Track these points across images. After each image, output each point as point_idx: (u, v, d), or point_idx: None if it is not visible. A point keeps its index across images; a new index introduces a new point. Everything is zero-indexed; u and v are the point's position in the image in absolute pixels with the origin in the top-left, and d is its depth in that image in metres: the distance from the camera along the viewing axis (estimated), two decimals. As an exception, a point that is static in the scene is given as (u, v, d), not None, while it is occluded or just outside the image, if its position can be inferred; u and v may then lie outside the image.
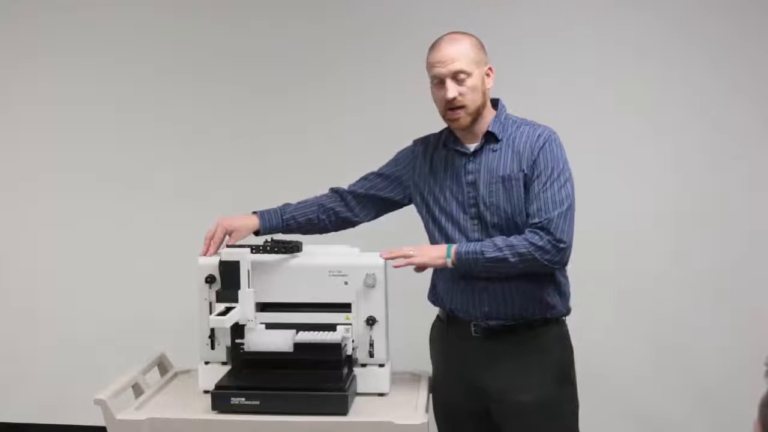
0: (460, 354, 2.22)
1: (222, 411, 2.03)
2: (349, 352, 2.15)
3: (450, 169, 2.22)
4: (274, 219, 2.31)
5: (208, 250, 2.23)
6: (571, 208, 2.09)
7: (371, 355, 2.18)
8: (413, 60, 3.28)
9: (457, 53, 2.11)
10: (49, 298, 3.54)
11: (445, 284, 2.23)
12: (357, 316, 2.17)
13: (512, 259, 2.06)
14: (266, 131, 3.39)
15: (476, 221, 2.16)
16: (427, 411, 2.10)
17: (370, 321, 2.16)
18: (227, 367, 2.19)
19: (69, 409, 3.48)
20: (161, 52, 3.43)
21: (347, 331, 2.14)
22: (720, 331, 3.14)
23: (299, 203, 2.36)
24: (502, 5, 3.21)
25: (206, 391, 2.13)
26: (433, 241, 2.25)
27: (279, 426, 2.00)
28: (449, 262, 2.09)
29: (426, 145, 2.31)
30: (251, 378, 2.10)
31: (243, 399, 2.02)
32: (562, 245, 2.06)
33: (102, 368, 2.55)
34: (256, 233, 2.31)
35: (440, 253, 2.10)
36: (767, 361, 1.22)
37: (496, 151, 2.16)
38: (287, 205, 2.35)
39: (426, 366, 2.38)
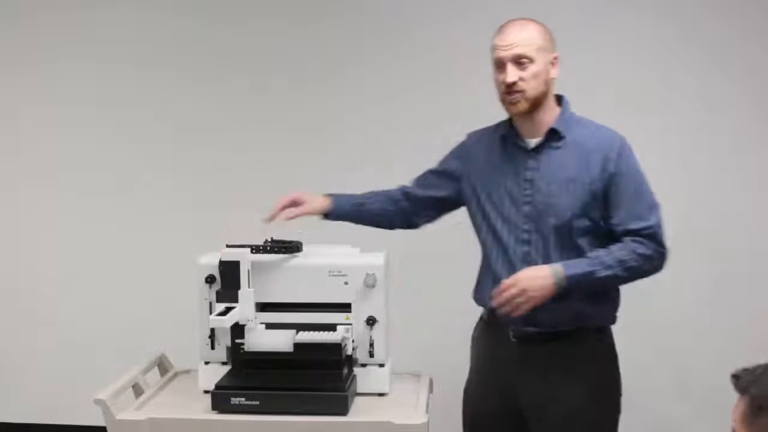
0: (496, 357, 2.18)
1: (222, 411, 2.03)
2: (349, 352, 2.14)
3: (507, 164, 2.13)
4: (346, 204, 2.29)
5: (273, 215, 2.22)
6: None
7: (371, 355, 2.17)
8: (414, 60, 3.31)
9: (522, 38, 2.04)
10: (49, 299, 3.54)
11: (489, 284, 2.14)
12: (357, 316, 2.16)
13: (623, 275, 2.02)
14: (266, 131, 3.39)
15: (528, 220, 2.08)
16: (427, 411, 2.10)
17: (370, 321, 2.16)
18: (227, 367, 2.19)
19: (69, 409, 3.48)
20: (161, 52, 3.43)
21: (347, 331, 2.13)
22: (720, 331, 3.14)
23: (369, 192, 2.33)
24: (502, 5, 3.21)
25: (206, 391, 2.13)
26: (483, 239, 2.18)
27: (279, 426, 2.00)
28: (557, 289, 1.99)
29: (480, 137, 2.24)
30: (251, 378, 2.09)
31: (243, 399, 2.02)
32: (666, 252, 2.05)
33: (102, 368, 2.55)
34: (326, 216, 2.29)
35: (548, 282, 1.98)
36: (734, 373, 1.26)
37: (559, 149, 2.08)
38: (353, 194, 2.32)
39: (426, 366, 2.38)
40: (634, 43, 3.17)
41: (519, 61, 2.04)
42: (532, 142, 2.11)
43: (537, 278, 1.99)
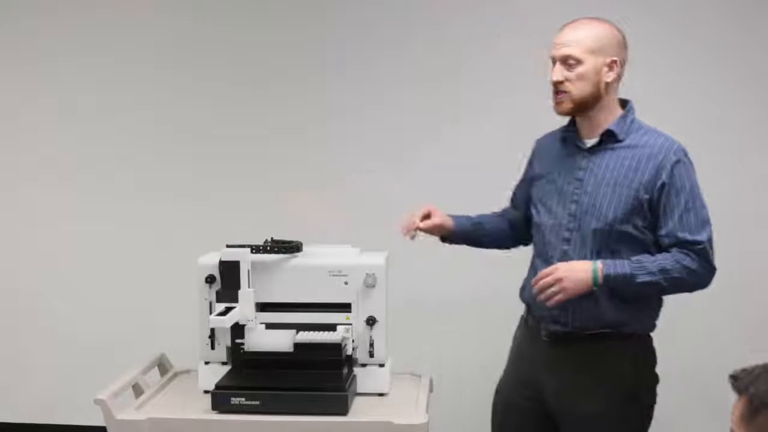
0: (527, 354, 2.20)
1: (222, 411, 2.03)
2: (349, 352, 2.15)
3: (563, 161, 2.14)
4: (466, 223, 2.30)
5: (408, 227, 2.21)
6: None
7: (371, 355, 2.17)
8: (414, 60, 3.31)
9: (573, 38, 2.03)
10: (49, 299, 3.54)
11: (529, 281, 2.14)
12: (357, 316, 2.16)
13: (665, 284, 1.99)
14: (267, 131, 3.39)
15: (573, 219, 2.07)
16: (427, 411, 2.10)
17: (370, 321, 2.16)
18: (227, 367, 2.19)
19: (69, 409, 3.48)
20: (161, 52, 3.43)
21: (347, 331, 2.13)
22: (722, 330, 3.14)
23: (481, 215, 2.34)
24: (502, 5, 3.21)
25: (206, 391, 2.13)
26: (531, 231, 2.20)
27: (279, 426, 2.00)
28: (595, 287, 1.97)
29: (546, 139, 2.26)
30: (251, 378, 2.09)
31: (243, 399, 2.02)
32: (714, 270, 2.02)
33: (102, 368, 2.55)
34: (446, 237, 2.30)
35: (586, 277, 1.96)
36: (733, 374, 1.27)
37: (614, 151, 2.06)
38: (468, 216, 2.33)
39: (426, 366, 2.39)
40: (634, 43, 3.16)
41: (567, 61, 2.04)
42: (589, 142, 2.11)
43: (576, 271, 1.98)
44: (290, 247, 2.21)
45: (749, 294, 3.15)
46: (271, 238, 2.26)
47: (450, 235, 2.30)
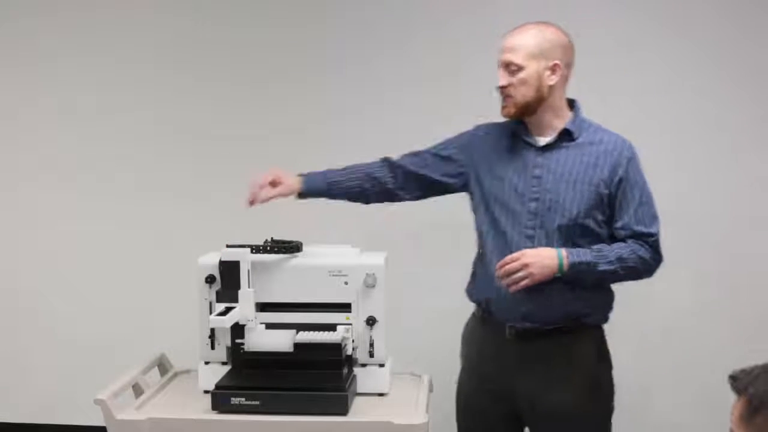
0: (492, 355, 2.19)
1: (222, 411, 2.03)
2: (349, 352, 2.15)
3: (515, 159, 2.16)
4: (318, 181, 2.27)
5: (254, 198, 2.22)
6: None
7: (371, 355, 2.17)
8: (414, 60, 3.31)
9: (515, 44, 2.09)
10: (49, 298, 3.54)
11: (485, 279, 2.17)
12: (357, 316, 2.16)
13: (621, 272, 2.08)
14: (266, 131, 3.39)
15: (534, 216, 2.11)
16: (427, 411, 2.10)
17: (370, 321, 2.16)
18: (227, 367, 2.19)
19: (69, 409, 3.48)
20: (161, 51, 3.43)
21: (347, 331, 2.13)
22: (721, 331, 3.14)
23: (345, 168, 2.31)
24: (502, 5, 3.21)
25: (206, 391, 2.13)
26: (484, 232, 2.19)
27: (279, 426, 2.00)
28: (559, 273, 2.03)
29: (489, 131, 2.26)
30: (251, 378, 2.09)
31: (243, 399, 2.02)
32: (661, 260, 2.12)
33: (102, 368, 2.55)
34: (300, 195, 2.28)
35: (552, 263, 2.03)
36: (732, 374, 1.28)
37: (569, 149, 2.12)
38: (330, 170, 2.31)
39: (426, 366, 2.38)
40: (633, 42, 3.17)
41: (509, 67, 2.10)
42: (542, 140, 2.15)
43: (543, 257, 2.03)
44: (290, 247, 2.21)
45: (747, 295, 3.15)
46: (271, 238, 2.26)
47: (303, 195, 2.29)
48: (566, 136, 2.13)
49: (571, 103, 2.19)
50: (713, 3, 3.13)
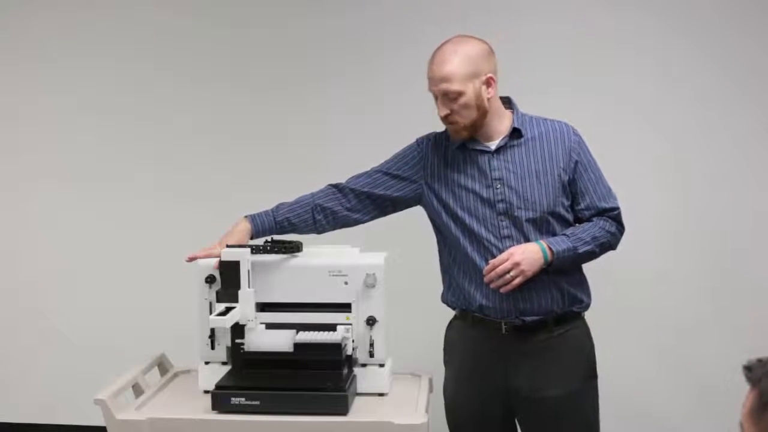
0: (487, 354, 2.19)
1: (222, 411, 2.03)
2: (349, 352, 2.14)
3: (471, 167, 2.17)
4: (266, 222, 2.27)
5: (194, 255, 2.19)
6: None
7: (371, 355, 2.17)
8: (413, 60, 3.30)
9: (447, 73, 2.08)
10: (49, 299, 3.54)
11: (473, 284, 2.17)
12: (357, 316, 2.16)
13: (597, 250, 2.15)
14: (266, 131, 3.39)
15: (505, 217, 2.13)
16: (427, 411, 2.10)
17: (370, 321, 2.16)
18: (227, 367, 2.19)
19: (69, 409, 3.48)
20: (161, 52, 3.43)
21: (347, 331, 2.13)
22: (720, 331, 3.14)
23: (294, 202, 2.30)
24: (502, 5, 3.21)
25: (206, 391, 2.13)
26: (457, 241, 2.18)
27: (279, 426, 2.00)
28: (545, 264, 2.08)
29: (435, 143, 2.26)
30: (251, 378, 2.09)
31: (243, 399, 2.02)
32: (624, 231, 2.21)
33: (102, 368, 2.55)
34: (251, 237, 2.28)
35: (539, 256, 2.07)
36: (747, 364, 1.23)
37: (520, 146, 2.16)
38: (281, 205, 2.30)
39: (426, 366, 2.38)
40: (634, 43, 3.17)
41: (448, 96, 2.10)
42: (492, 144, 2.17)
43: (530, 252, 2.07)
44: (290, 247, 2.21)
45: (747, 295, 3.15)
46: (271, 238, 2.26)
47: (254, 236, 2.27)
48: (515, 134, 2.17)
49: (507, 101, 2.22)
50: (715, 3, 3.13)
